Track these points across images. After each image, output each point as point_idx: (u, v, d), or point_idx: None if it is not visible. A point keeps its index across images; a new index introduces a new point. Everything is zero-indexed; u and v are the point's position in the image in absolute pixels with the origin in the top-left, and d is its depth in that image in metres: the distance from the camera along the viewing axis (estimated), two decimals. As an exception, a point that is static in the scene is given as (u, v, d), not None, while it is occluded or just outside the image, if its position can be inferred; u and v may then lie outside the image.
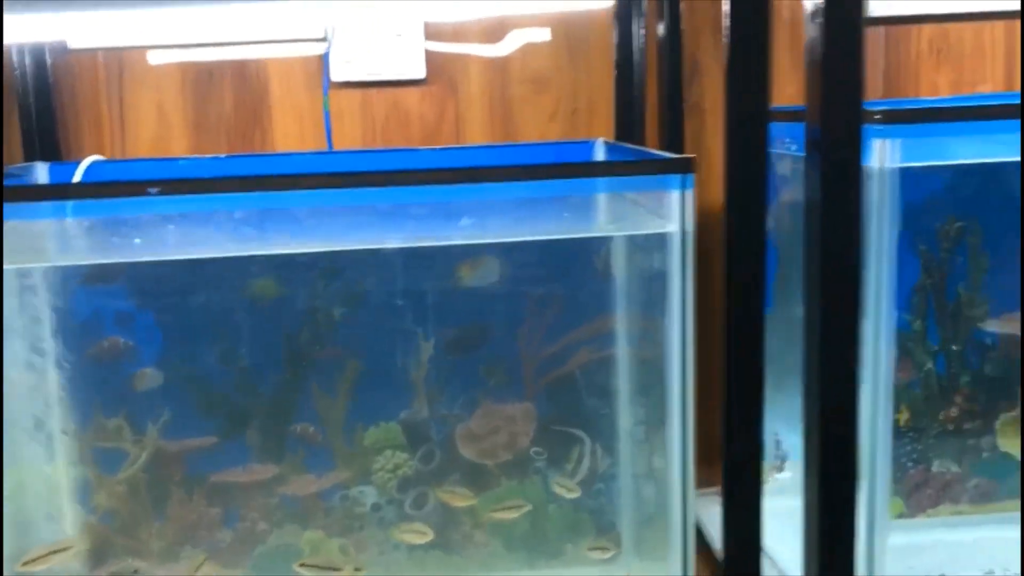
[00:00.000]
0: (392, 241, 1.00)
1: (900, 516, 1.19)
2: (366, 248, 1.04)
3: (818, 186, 0.67)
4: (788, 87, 1.33)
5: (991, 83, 1.46)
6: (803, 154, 0.70)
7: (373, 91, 1.36)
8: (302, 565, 1.02)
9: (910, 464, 1.18)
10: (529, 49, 1.38)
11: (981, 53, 1.45)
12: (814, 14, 0.68)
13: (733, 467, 0.81)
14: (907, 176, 1.02)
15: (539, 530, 1.12)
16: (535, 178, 0.79)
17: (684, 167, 0.77)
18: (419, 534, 1.05)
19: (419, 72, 1.34)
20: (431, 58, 1.36)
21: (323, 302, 1.07)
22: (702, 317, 0.88)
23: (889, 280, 0.79)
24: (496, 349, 1.11)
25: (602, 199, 0.93)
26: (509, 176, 0.78)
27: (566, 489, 1.07)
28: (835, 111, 0.66)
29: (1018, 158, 1.04)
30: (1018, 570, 1.09)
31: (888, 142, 0.77)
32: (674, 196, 0.77)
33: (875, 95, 1.46)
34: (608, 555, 1.05)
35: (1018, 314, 1.15)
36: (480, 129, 1.39)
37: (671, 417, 0.84)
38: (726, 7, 0.75)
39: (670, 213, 0.78)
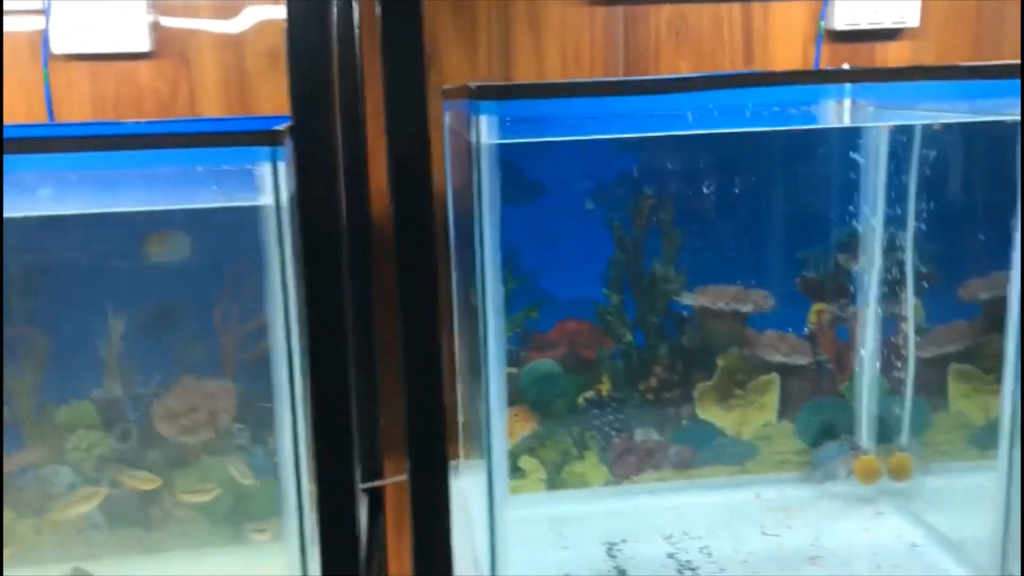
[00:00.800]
0: (64, 209, 0.99)
1: (606, 484, 1.23)
2: (44, 216, 1.02)
3: (391, 160, 0.68)
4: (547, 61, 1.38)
5: (729, 64, 1.51)
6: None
7: (102, 64, 1.34)
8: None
9: (613, 433, 1.21)
10: (266, 25, 1.37)
11: (719, 35, 1.50)
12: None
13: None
14: (566, 150, 1.05)
15: (239, 508, 1.13)
16: (116, 148, 0.78)
17: (273, 140, 0.77)
18: (79, 507, 1.04)
19: (144, 45, 1.31)
20: (162, 32, 1.34)
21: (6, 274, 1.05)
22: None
23: (493, 253, 0.81)
24: (192, 325, 1.11)
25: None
26: (92, 146, 0.78)
27: (240, 474, 1.07)
28: (400, 88, 0.67)
29: (695, 131, 1.08)
30: (700, 532, 1.14)
31: (483, 118, 0.79)
32: (266, 168, 0.78)
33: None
34: (266, 536, 1.06)
35: (711, 287, 1.20)
36: (216, 104, 1.38)
37: (280, 401, 0.84)
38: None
39: (264, 186, 0.78)
